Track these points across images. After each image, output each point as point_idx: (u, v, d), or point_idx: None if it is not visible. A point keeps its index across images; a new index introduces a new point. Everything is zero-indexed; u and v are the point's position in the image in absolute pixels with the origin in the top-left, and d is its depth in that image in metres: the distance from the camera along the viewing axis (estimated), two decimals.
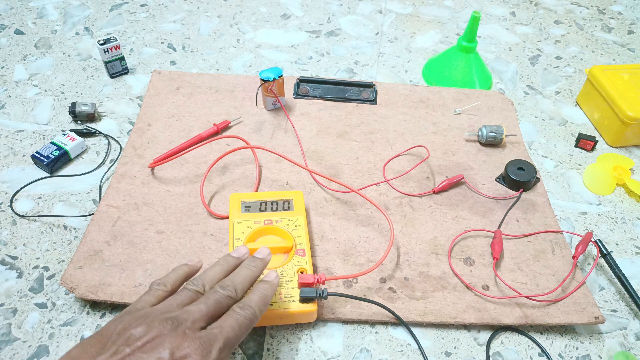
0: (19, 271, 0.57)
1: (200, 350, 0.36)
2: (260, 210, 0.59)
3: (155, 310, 0.39)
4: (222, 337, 0.38)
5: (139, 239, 0.59)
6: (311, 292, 0.50)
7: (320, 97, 0.80)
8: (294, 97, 0.80)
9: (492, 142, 0.74)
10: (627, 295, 0.59)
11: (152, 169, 0.67)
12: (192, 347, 0.36)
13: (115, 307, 0.55)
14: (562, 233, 0.63)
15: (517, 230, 0.63)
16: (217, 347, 0.37)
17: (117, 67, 0.83)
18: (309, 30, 0.98)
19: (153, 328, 0.37)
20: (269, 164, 0.69)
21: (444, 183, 0.67)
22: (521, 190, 0.68)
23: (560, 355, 0.54)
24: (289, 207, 0.59)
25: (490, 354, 0.53)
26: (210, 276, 0.44)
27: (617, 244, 0.65)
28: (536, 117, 0.83)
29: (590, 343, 0.55)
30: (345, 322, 0.55)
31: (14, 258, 0.58)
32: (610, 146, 0.78)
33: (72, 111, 0.74)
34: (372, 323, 0.55)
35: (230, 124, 0.75)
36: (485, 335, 0.55)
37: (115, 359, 0.35)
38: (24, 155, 0.70)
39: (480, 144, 0.75)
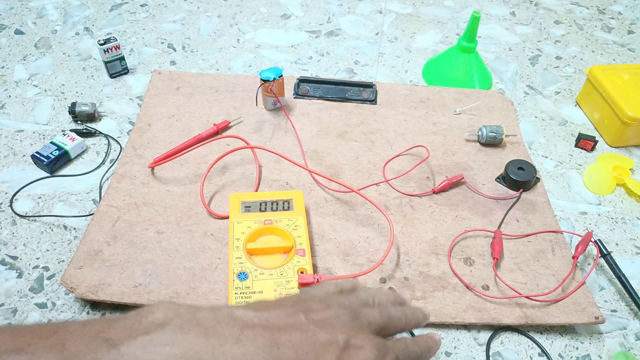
0: (19, 271, 0.57)
1: (376, 350, 0.32)
2: (260, 210, 0.59)
3: (336, 297, 0.36)
4: (394, 351, 0.34)
5: (139, 239, 0.59)
6: None
7: (320, 97, 0.80)
8: (294, 97, 0.80)
9: (492, 142, 0.74)
10: (627, 295, 0.59)
11: (152, 169, 0.67)
12: (369, 343, 0.33)
13: (115, 307, 0.55)
14: (562, 233, 0.63)
15: (517, 230, 0.63)
16: (390, 356, 0.33)
17: (117, 67, 0.83)
18: (309, 30, 0.98)
19: (332, 309, 0.34)
20: (269, 164, 0.69)
21: (444, 183, 0.67)
22: (521, 190, 0.68)
23: (560, 355, 0.54)
24: (289, 207, 0.59)
25: (490, 354, 0.53)
26: (379, 294, 0.40)
27: (617, 244, 0.65)
28: (536, 117, 0.83)
29: (590, 343, 0.55)
30: None
31: (14, 258, 0.58)
32: (610, 146, 0.78)
33: (72, 111, 0.74)
34: None
35: (230, 124, 0.75)
36: (485, 335, 0.55)
37: (288, 320, 0.32)
38: (24, 155, 0.70)
39: (480, 144, 0.75)
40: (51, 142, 0.69)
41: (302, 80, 0.81)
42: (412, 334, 0.51)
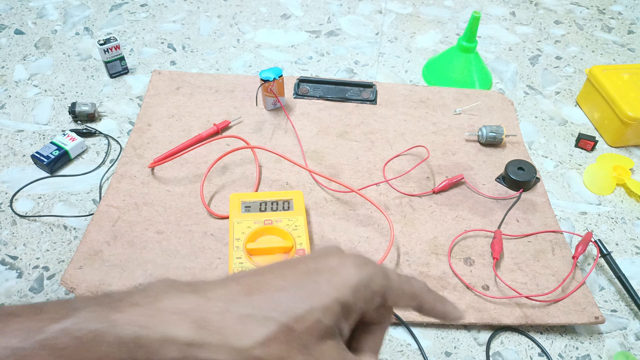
0: (19, 271, 0.57)
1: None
2: (260, 210, 0.59)
3: None
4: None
5: (139, 239, 0.59)
6: None
7: (320, 97, 0.80)
8: (294, 97, 0.80)
9: (492, 142, 0.74)
10: (627, 295, 0.59)
11: (152, 169, 0.67)
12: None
13: None
14: (562, 233, 0.63)
15: (517, 230, 0.63)
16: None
17: (117, 67, 0.83)
18: (309, 30, 0.98)
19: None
20: (269, 164, 0.69)
21: (444, 183, 0.67)
22: (521, 190, 0.68)
23: (560, 355, 0.54)
24: (289, 207, 0.59)
25: (490, 354, 0.53)
26: None
27: (617, 244, 0.65)
28: (536, 117, 0.83)
29: (590, 343, 0.55)
30: None
31: (14, 258, 0.58)
32: (610, 146, 0.78)
33: (72, 111, 0.74)
34: None
35: (230, 124, 0.75)
36: (485, 335, 0.55)
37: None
38: (24, 155, 0.70)
39: (480, 144, 0.75)
40: (51, 142, 0.69)
41: (302, 80, 0.81)
42: None
